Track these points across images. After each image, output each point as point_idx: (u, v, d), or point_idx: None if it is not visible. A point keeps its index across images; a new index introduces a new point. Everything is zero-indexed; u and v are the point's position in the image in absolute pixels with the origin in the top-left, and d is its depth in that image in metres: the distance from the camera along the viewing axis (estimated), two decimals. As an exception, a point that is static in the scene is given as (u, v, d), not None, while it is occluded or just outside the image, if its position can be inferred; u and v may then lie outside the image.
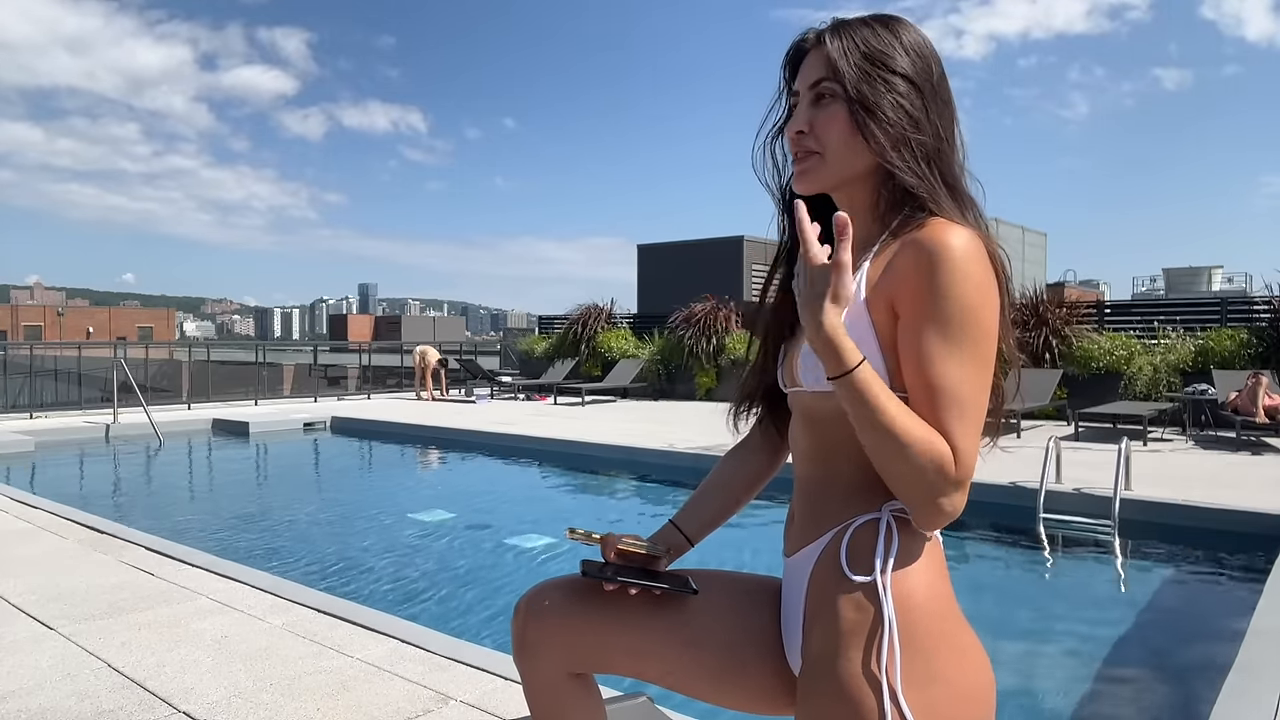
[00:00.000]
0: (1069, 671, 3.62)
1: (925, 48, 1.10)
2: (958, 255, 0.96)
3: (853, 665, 0.98)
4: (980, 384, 0.97)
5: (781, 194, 1.23)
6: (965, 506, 0.97)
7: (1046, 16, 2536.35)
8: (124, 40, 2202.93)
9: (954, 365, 0.96)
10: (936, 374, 0.96)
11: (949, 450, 0.94)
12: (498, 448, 9.79)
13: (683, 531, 1.29)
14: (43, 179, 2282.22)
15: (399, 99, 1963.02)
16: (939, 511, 0.95)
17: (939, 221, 1.01)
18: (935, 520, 0.97)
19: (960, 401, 0.95)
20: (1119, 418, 9.51)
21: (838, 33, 1.09)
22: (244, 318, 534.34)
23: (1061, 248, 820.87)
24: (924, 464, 0.93)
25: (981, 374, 0.97)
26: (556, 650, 1.19)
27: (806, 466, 1.13)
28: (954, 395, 0.95)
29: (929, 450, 0.93)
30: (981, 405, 0.97)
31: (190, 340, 71.14)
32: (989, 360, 0.99)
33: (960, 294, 0.96)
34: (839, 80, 1.06)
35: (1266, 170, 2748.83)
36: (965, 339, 0.96)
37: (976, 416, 0.97)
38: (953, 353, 0.96)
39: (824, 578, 1.06)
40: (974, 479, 0.96)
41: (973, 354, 0.96)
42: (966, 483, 0.95)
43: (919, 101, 1.07)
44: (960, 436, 0.95)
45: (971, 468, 0.95)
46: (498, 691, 2.61)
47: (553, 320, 19.44)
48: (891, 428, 0.94)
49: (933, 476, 0.94)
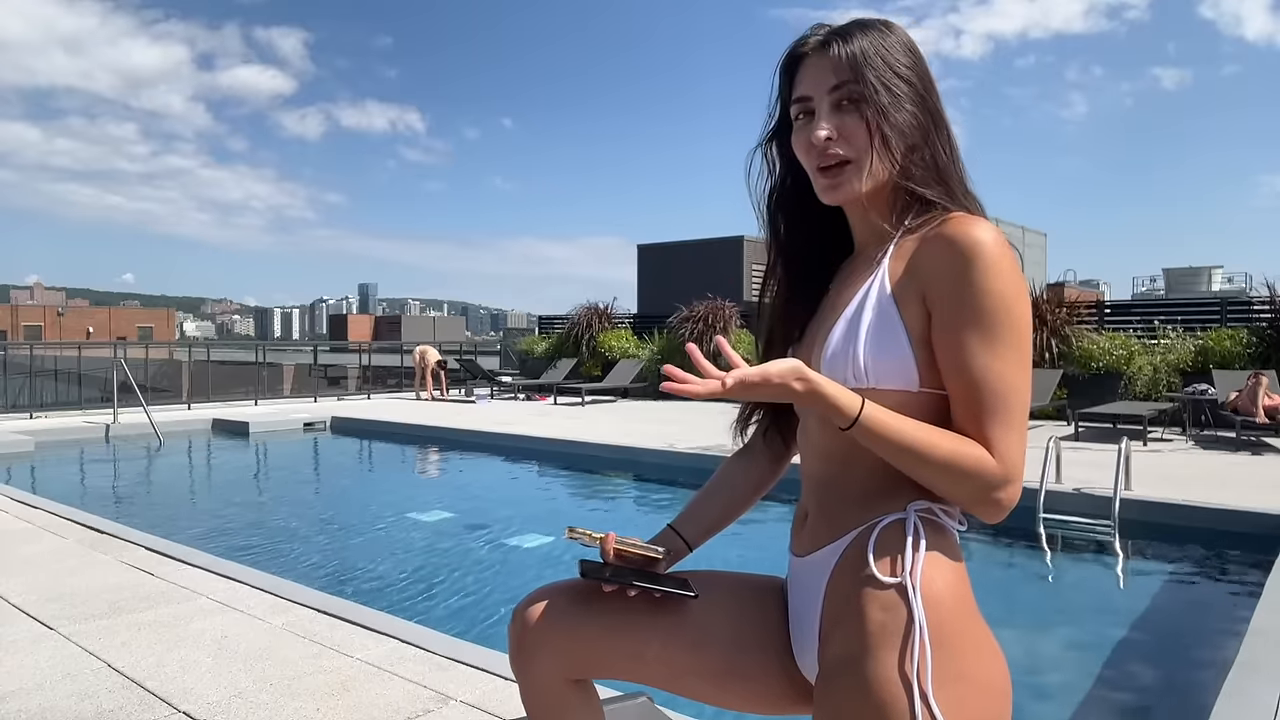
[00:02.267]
0: (1069, 671, 3.62)
1: (916, 48, 1.11)
2: (991, 250, 0.97)
3: (882, 666, 0.97)
4: (1020, 377, 0.98)
5: (769, 199, 1.22)
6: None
7: (1044, 16, 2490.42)
8: (120, 40, 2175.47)
9: (994, 360, 0.97)
10: (977, 370, 0.97)
11: (983, 452, 0.96)
12: (498, 448, 9.78)
13: (682, 536, 1.28)
14: (41, 179, 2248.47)
15: (397, 99, 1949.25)
16: (993, 506, 0.98)
17: (962, 216, 1.01)
18: (991, 513, 0.99)
19: (1001, 395, 0.97)
20: (1119, 418, 9.51)
21: (849, 37, 1.08)
22: (244, 318, 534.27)
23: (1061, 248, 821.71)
24: (960, 472, 0.96)
25: (1021, 367, 0.98)
26: (555, 656, 1.18)
27: (820, 465, 1.11)
28: (994, 390, 0.97)
29: (962, 460, 0.96)
30: (1023, 398, 0.99)
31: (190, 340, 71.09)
32: (1027, 353, 0.99)
33: (997, 289, 0.97)
34: (864, 85, 1.05)
35: (1266, 170, 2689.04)
36: (1004, 333, 0.97)
37: (1019, 410, 0.98)
38: (992, 348, 0.97)
39: (847, 578, 1.05)
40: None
41: (1012, 348, 0.97)
42: (1016, 477, 0.97)
43: (925, 104, 1.08)
44: (1003, 433, 0.97)
45: (1016, 462, 0.97)
46: (498, 691, 2.62)
47: (553, 320, 19.44)
48: (916, 450, 0.96)
49: (974, 479, 0.96)
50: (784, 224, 1.23)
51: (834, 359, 1.05)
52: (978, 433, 0.97)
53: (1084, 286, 36.18)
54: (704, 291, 15.81)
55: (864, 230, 1.14)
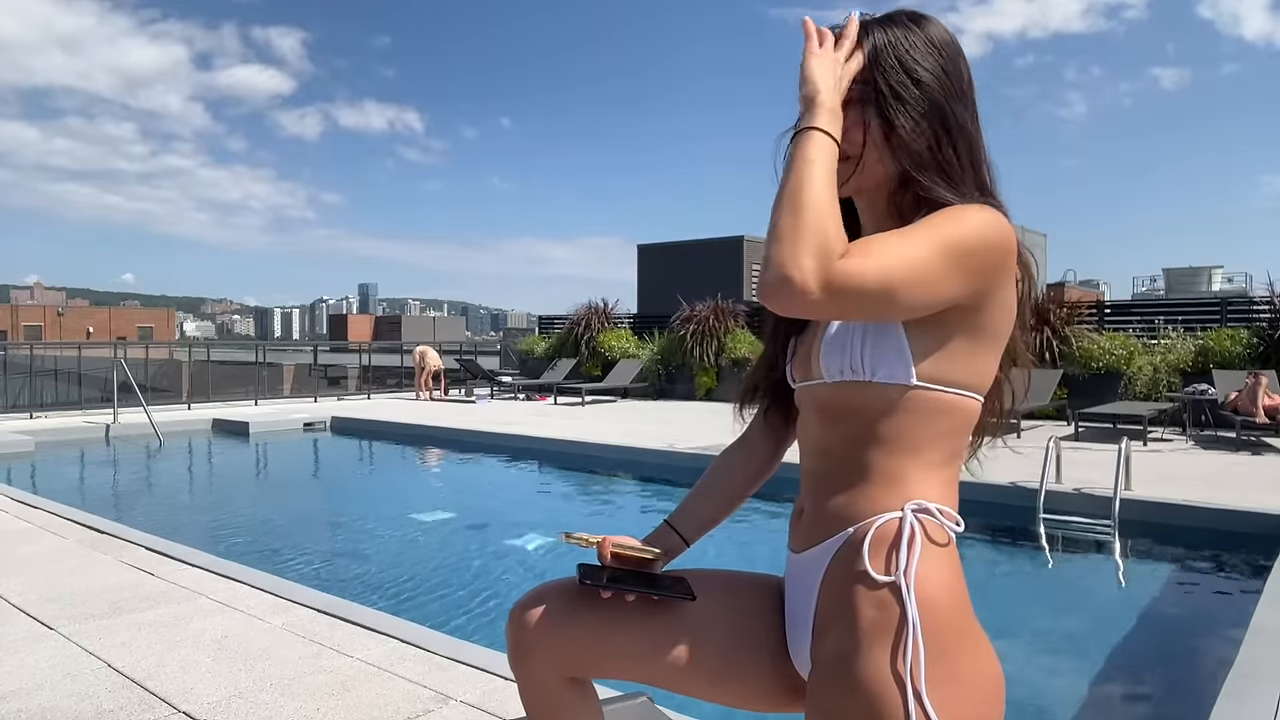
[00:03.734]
0: (1069, 671, 3.62)
1: (952, 46, 1.08)
2: (971, 211, 0.98)
3: (875, 665, 0.97)
4: (914, 251, 0.93)
5: None
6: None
7: (1043, 15, 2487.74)
8: (118, 39, 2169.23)
9: (895, 234, 0.96)
10: (884, 231, 0.97)
11: (843, 241, 0.91)
12: (498, 448, 9.78)
13: (678, 532, 1.28)
14: (40, 178, 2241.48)
15: (395, 99, 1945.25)
16: (783, 280, 0.89)
17: (958, 205, 1.02)
18: (772, 291, 0.89)
19: (884, 240, 0.94)
20: (1119, 418, 9.51)
21: (868, 32, 1.07)
22: (244, 318, 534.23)
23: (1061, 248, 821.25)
24: (803, 226, 0.89)
25: (920, 249, 0.94)
26: (552, 655, 1.18)
27: (819, 461, 1.11)
28: (882, 238, 0.95)
29: (818, 220, 0.90)
30: (906, 260, 0.92)
31: (190, 340, 71.09)
32: (946, 246, 0.95)
33: (949, 218, 0.97)
34: (867, 84, 1.05)
35: (1265, 169, 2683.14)
36: (926, 229, 0.96)
37: (890, 260, 0.92)
38: (906, 232, 0.96)
39: (841, 576, 1.04)
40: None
41: (924, 236, 0.95)
42: (833, 278, 0.89)
43: (940, 106, 1.06)
44: (864, 250, 0.91)
45: (851, 276, 0.89)
46: (498, 691, 2.62)
47: (553, 320, 19.44)
48: (804, 181, 0.93)
49: (805, 242, 0.89)
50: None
51: (831, 350, 1.06)
52: (848, 245, 0.92)
53: (1084, 286, 36.19)
54: (704, 291, 15.82)
55: (871, 224, 1.14)
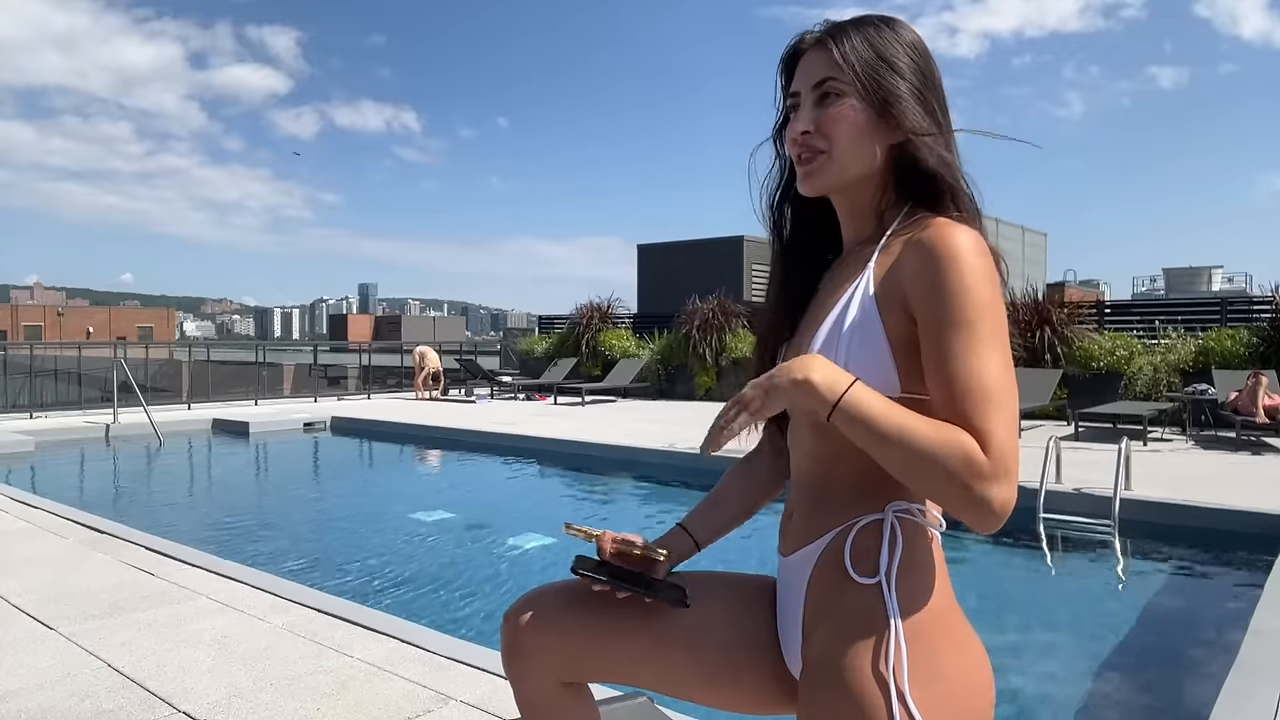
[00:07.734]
0: (1069, 671, 3.62)
1: (922, 46, 1.10)
2: (966, 253, 0.96)
3: (858, 666, 0.97)
4: (1004, 372, 0.94)
5: (772, 201, 1.23)
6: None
7: (1040, 14, 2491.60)
8: (112, 38, 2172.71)
9: (975, 358, 0.93)
10: (962, 368, 0.93)
11: (973, 442, 0.90)
12: (498, 448, 9.78)
13: (692, 536, 1.27)
14: (37, 178, 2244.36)
15: (391, 98, 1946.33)
16: (982, 507, 0.89)
17: (941, 221, 1.01)
18: (985, 519, 0.89)
19: (984, 390, 0.92)
20: (1119, 418, 9.51)
21: (842, 32, 1.09)
22: (244, 318, 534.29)
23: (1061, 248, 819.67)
24: (946, 459, 0.89)
25: (1003, 362, 0.95)
26: (546, 659, 1.18)
27: (808, 465, 1.12)
28: (983, 385, 0.92)
29: (947, 446, 0.89)
30: (1009, 393, 0.93)
31: (190, 340, 71.11)
32: (1009, 352, 0.97)
33: (973, 287, 0.95)
34: (850, 77, 1.05)
35: (1265, 168, 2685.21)
36: (985, 332, 0.94)
37: (1007, 404, 0.92)
38: (975, 346, 0.94)
39: (825, 578, 1.05)
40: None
41: (995, 347, 0.94)
42: (1007, 473, 0.89)
43: (924, 100, 1.07)
44: (992, 426, 0.90)
45: (1008, 455, 0.90)
46: (498, 692, 2.62)
47: (553, 320, 19.43)
48: (901, 435, 0.91)
49: (961, 472, 0.88)
50: (785, 220, 1.23)
51: (823, 350, 1.06)
52: (968, 426, 0.91)
53: (1084, 286, 36.19)
54: (704, 291, 15.81)
55: (851, 230, 1.15)
